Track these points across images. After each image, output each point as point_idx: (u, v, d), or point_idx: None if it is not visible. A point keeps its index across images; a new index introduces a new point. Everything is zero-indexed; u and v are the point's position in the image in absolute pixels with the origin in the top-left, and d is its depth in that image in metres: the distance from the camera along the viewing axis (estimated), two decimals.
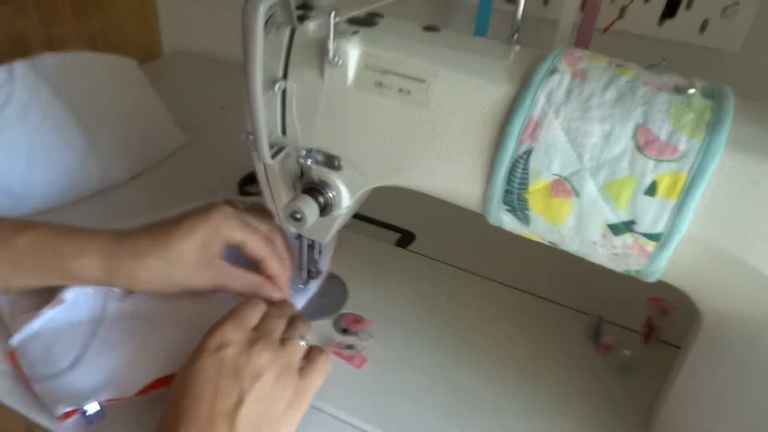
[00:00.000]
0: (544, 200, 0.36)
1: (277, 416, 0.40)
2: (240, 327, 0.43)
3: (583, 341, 0.53)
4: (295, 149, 0.44)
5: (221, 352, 0.41)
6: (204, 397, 0.39)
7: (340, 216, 0.47)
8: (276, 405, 0.41)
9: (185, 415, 0.38)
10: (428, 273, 0.60)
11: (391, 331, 0.53)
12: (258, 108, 0.39)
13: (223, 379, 0.39)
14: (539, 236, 0.39)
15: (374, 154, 0.41)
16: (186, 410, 0.38)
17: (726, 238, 0.32)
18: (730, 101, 0.33)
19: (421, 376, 0.49)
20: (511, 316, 0.56)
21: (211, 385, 0.39)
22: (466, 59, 0.38)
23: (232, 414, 0.38)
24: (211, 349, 0.41)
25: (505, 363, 0.51)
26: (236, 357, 0.41)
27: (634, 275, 0.37)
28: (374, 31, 0.40)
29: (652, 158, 0.32)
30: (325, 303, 0.55)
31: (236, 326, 0.43)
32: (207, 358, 0.40)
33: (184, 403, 0.39)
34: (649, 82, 0.34)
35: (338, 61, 0.39)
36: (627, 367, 0.51)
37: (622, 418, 0.47)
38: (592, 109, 0.34)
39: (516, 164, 0.36)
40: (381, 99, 0.39)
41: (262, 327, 0.44)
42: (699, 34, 0.64)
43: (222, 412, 0.38)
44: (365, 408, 0.46)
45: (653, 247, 0.34)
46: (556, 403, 0.48)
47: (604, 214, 0.34)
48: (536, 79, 0.35)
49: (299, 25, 0.40)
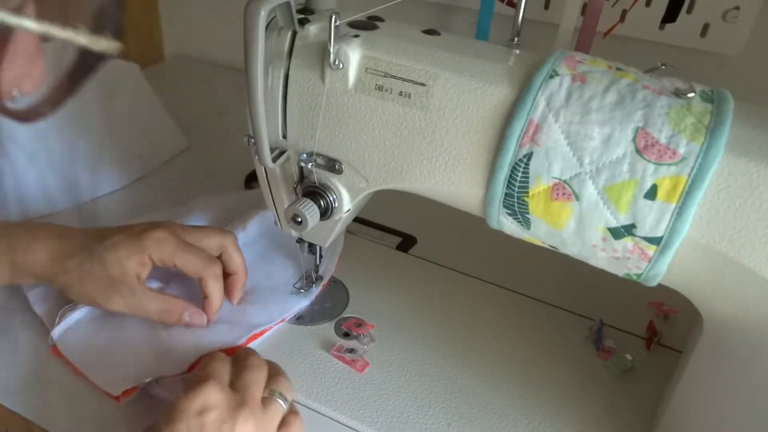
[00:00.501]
0: (545, 204, 0.36)
1: None
2: (221, 387, 0.39)
3: (585, 345, 0.53)
4: (295, 153, 0.44)
5: (203, 417, 0.37)
6: None
7: (340, 219, 0.47)
8: None
9: None
10: (429, 277, 0.60)
11: (392, 335, 0.53)
12: (259, 111, 0.39)
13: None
14: (540, 240, 0.39)
15: (375, 157, 0.41)
16: None
17: (726, 242, 0.32)
18: (729, 105, 0.33)
19: (422, 380, 0.49)
20: (513, 320, 0.55)
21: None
22: (466, 62, 0.38)
23: None
24: (191, 411, 0.37)
25: (506, 367, 0.51)
26: (219, 424, 0.37)
27: (635, 279, 0.37)
28: (375, 35, 0.40)
29: (652, 162, 0.32)
30: (327, 307, 0.55)
31: (217, 387, 0.39)
32: (185, 421, 0.37)
33: None
34: (649, 86, 0.35)
35: (339, 65, 0.39)
36: (628, 372, 0.51)
37: (624, 423, 0.47)
38: (592, 113, 0.34)
39: (516, 167, 0.36)
40: (381, 102, 0.39)
41: (243, 386, 0.40)
42: (700, 39, 0.64)
43: None
44: (367, 412, 0.46)
45: (654, 250, 0.34)
46: (557, 407, 0.47)
47: (605, 217, 0.34)
48: (536, 83, 0.35)
49: (300, 29, 0.40)
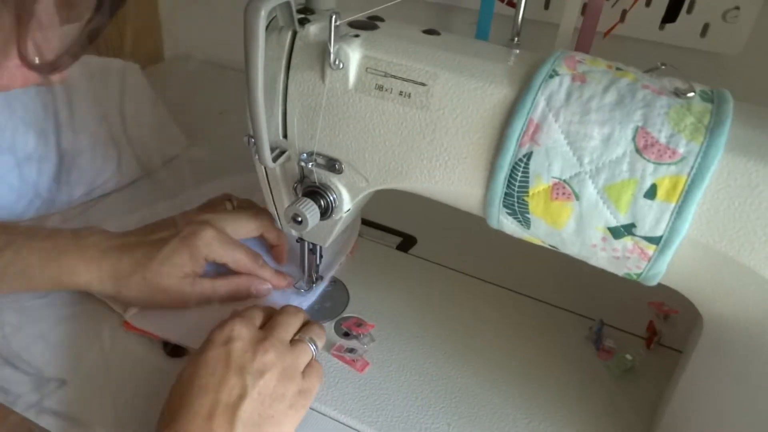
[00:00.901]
0: (545, 203, 0.36)
1: (278, 416, 0.41)
2: (248, 324, 0.44)
3: (585, 345, 0.53)
4: (296, 152, 0.44)
5: (228, 346, 0.41)
6: (208, 389, 0.39)
7: (341, 219, 0.47)
8: (278, 404, 0.41)
9: (188, 403, 0.39)
10: (429, 277, 0.60)
11: (392, 334, 0.53)
12: (259, 111, 0.39)
13: (227, 372, 0.40)
14: (540, 239, 0.39)
15: (375, 157, 0.41)
16: (189, 399, 0.39)
17: (726, 241, 0.32)
18: (729, 104, 0.33)
19: (422, 380, 0.49)
20: (513, 319, 0.55)
21: (216, 377, 0.40)
22: (466, 62, 0.38)
23: (233, 408, 0.39)
24: (218, 342, 0.42)
25: (506, 367, 0.51)
26: (242, 352, 0.41)
27: (635, 279, 0.37)
28: (375, 35, 0.40)
29: (652, 161, 0.32)
30: (327, 307, 0.55)
31: (244, 323, 0.43)
32: (214, 350, 0.41)
33: (188, 392, 0.39)
34: (648, 86, 0.35)
35: (339, 65, 0.39)
36: (628, 372, 0.51)
37: (624, 423, 0.47)
38: (591, 112, 0.34)
39: (516, 167, 0.36)
40: (382, 102, 0.39)
41: (271, 326, 0.45)
42: (700, 39, 0.64)
43: (223, 405, 0.39)
44: (367, 411, 0.46)
45: (653, 250, 0.34)
46: (557, 407, 0.48)
47: (604, 217, 0.34)
48: (536, 82, 0.35)
49: (300, 29, 0.40)
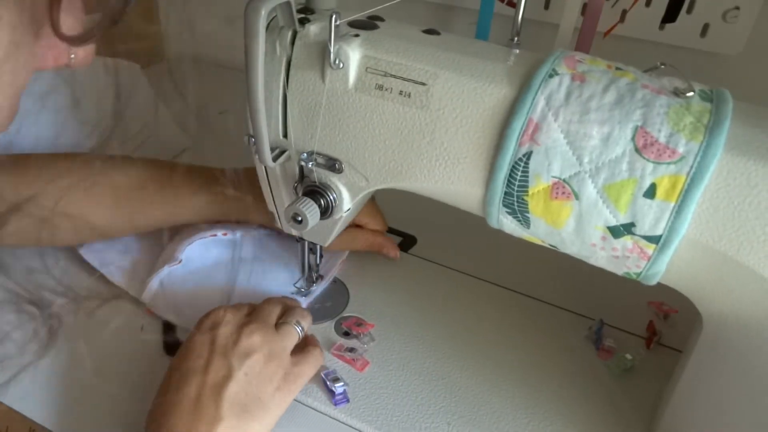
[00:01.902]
0: (544, 203, 0.36)
1: (265, 397, 0.42)
2: (234, 311, 0.46)
3: (585, 345, 0.53)
4: (296, 152, 0.44)
5: (214, 331, 0.43)
6: (195, 371, 0.41)
7: (341, 218, 0.47)
8: (264, 386, 0.42)
9: (177, 387, 0.40)
10: (429, 276, 0.60)
11: (392, 334, 0.53)
12: (259, 111, 0.39)
13: (213, 355, 0.42)
14: (540, 239, 0.39)
15: (375, 156, 0.41)
16: (178, 383, 0.41)
17: (725, 240, 0.32)
18: (728, 104, 0.33)
19: (422, 380, 0.49)
20: (513, 319, 0.55)
21: (202, 360, 0.41)
22: (466, 62, 0.38)
23: (219, 388, 0.40)
24: (205, 327, 0.44)
25: (506, 366, 0.51)
26: (227, 336, 0.43)
27: (634, 278, 0.37)
28: (375, 35, 0.40)
29: (651, 160, 0.32)
30: (327, 306, 0.55)
31: (231, 310, 0.46)
32: (200, 335, 0.43)
33: (176, 376, 0.41)
34: (648, 85, 0.35)
35: (339, 64, 0.39)
36: (628, 371, 0.51)
37: (624, 423, 0.47)
38: (591, 112, 0.34)
39: (516, 167, 0.36)
40: (381, 102, 0.39)
41: (257, 312, 0.47)
42: (700, 39, 0.65)
43: (210, 386, 0.40)
44: (367, 411, 0.46)
45: (653, 249, 0.34)
46: (557, 407, 0.48)
47: (604, 216, 0.34)
48: (536, 82, 0.35)
49: (300, 29, 0.40)
